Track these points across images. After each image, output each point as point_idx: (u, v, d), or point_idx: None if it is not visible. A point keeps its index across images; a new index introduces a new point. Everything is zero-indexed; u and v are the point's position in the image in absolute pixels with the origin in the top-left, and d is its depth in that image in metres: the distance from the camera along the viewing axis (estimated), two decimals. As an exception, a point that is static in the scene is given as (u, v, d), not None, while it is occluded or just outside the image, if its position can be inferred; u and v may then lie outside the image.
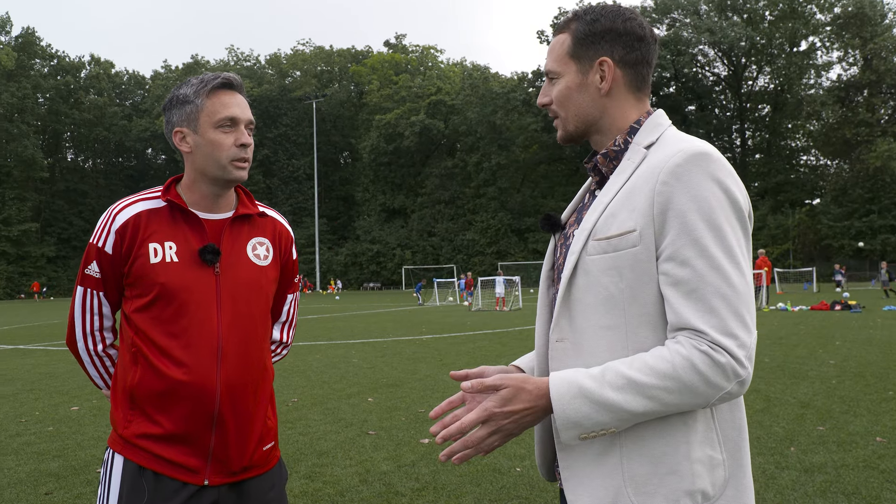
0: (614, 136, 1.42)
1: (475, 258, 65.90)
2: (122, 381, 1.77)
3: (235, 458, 1.76)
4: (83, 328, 1.82)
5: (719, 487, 1.26)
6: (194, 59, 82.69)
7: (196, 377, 1.70)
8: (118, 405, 1.77)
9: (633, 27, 1.39)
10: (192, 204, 1.80)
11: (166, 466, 1.70)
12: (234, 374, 1.74)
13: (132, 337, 1.74)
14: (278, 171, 77.37)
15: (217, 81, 1.75)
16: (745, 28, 55.70)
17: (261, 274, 1.84)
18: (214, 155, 1.74)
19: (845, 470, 4.57)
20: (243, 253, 1.82)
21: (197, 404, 1.70)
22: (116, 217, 1.75)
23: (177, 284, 1.71)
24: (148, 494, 1.68)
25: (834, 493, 4.13)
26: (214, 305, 1.74)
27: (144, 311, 1.73)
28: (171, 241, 1.74)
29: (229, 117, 1.74)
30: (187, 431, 1.71)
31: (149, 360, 1.70)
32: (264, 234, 1.89)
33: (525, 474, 4.69)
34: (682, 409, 1.23)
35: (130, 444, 1.71)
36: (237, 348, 1.76)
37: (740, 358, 1.19)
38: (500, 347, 12.58)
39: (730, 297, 1.20)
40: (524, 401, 1.27)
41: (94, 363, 1.86)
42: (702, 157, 1.26)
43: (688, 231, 1.22)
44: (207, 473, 1.73)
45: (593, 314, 1.31)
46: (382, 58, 78.42)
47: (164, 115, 1.82)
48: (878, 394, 7.13)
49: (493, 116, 63.74)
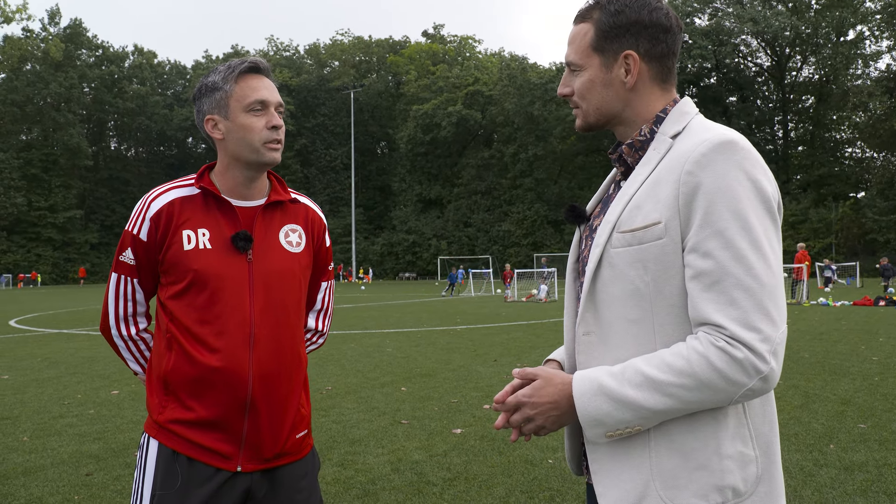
0: (639, 127, 1.39)
1: (511, 249, 65.67)
2: (156, 367, 1.79)
3: (268, 445, 1.77)
4: (116, 314, 1.85)
5: (751, 484, 1.23)
6: (234, 50, 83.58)
7: (229, 364, 1.71)
8: (153, 391, 1.79)
9: (659, 18, 1.35)
10: (225, 191, 1.81)
11: (200, 452, 1.72)
12: (266, 361, 1.76)
13: (167, 323, 1.77)
14: (316, 161, 77.98)
15: (244, 66, 1.76)
16: (790, 17, 54.31)
17: (293, 261, 1.85)
18: (247, 138, 1.74)
19: (888, 469, 4.46)
20: (276, 240, 1.83)
21: (229, 391, 1.72)
22: (151, 205, 1.78)
23: (210, 271, 1.73)
24: (182, 479, 1.70)
25: (875, 492, 4.04)
26: (247, 292, 1.75)
27: (178, 298, 1.75)
28: (204, 228, 1.76)
29: (259, 100, 1.75)
30: (220, 417, 1.72)
31: (182, 346, 1.73)
32: (296, 221, 1.89)
33: (557, 466, 4.67)
34: (705, 406, 1.20)
35: (165, 430, 1.74)
36: (269, 335, 1.77)
37: (762, 352, 1.16)
38: (533, 339, 12.54)
39: (754, 289, 1.17)
40: (549, 395, 1.29)
41: (129, 347, 1.89)
42: (728, 145, 1.22)
43: (712, 222, 1.19)
44: (240, 460, 1.75)
45: (619, 307, 1.29)
46: (420, 48, 78.33)
47: (194, 105, 1.83)
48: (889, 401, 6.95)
49: (531, 107, 63.27)
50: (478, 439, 5.40)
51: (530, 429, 1.32)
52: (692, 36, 55.11)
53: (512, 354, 10.37)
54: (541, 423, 1.30)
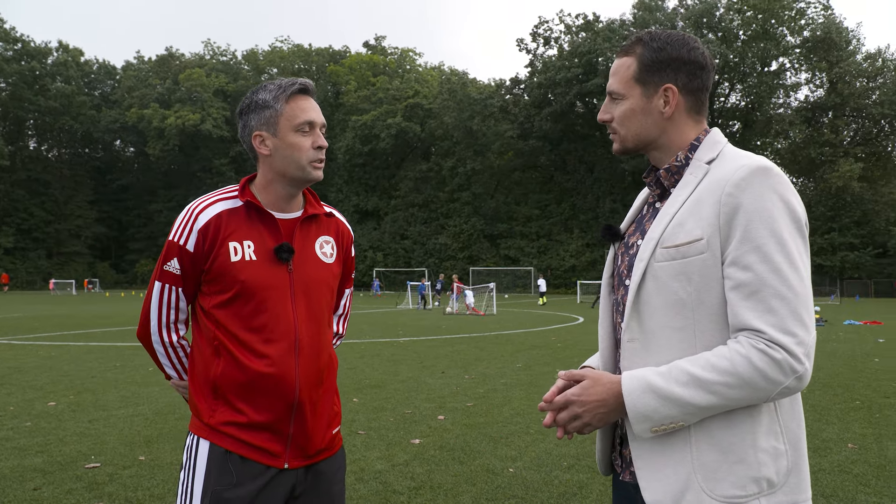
0: (674, 153, 1.53)
1: (447, 262, 65.97)
2: (202, 372, 1.84)
3: (311, 443, 1.87)
4: (159, 321, 1.90)
5: (783, 475, 1.37)
6: (168, 52, 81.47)
7: (278, 369, 1.79)
8: (200, 395, 1.85)
9: (696, 56, 1.50)
10: (266, 204, 1.88)
11: (251, 450, 1.79)
12: (309, 365, 1.85)
13: (213, 331, 1.82)
14: (250, 169, 75.95)
15: (295, 87, 1.83)
16: (719, 46, 56.69)
17: (327, 271, 1.94)
18: (294, 157, 1.83)
19: (822, 474, 4.75)
20: (312, 251, 1.92)
21: (278, 394, 1.80)
22: (199, 217, 1.83)
23: (256, 282, 1.80)
24: (236, 476, 1.77)
25: (814, 495, 4.30)
26: (290, 301, 1.83)
27: (225, 307, 1.81)
28: (248, 240, 1.83)
29: (308, 121, 1.83)
30: (269, 420, 1.80)
31: (231, 353, 1.79)
32: (329, 233, 1.98)
33: (518, 475, 4.79)
34: (744, 403, 1.33)
35: (216, 431, 1.80)
36: (311, 341, 1.86)
37: (798, 354, 1.30)
38: (477, 351, 12.69)
39: (789, 298, 1.31)
40: (598, 393, 1.40)
41: (168, 353, 1.94)
42: (764, 171, 1.37)
43: (751, 239, 1.33)
44: (287, 457, 1.83)
45: (662, 316, 1.41)
46: (361, 58, 78.13)
47: (239, 120, 1.89)
48: (846, 403, 7.39)
49: (470, 122, 63.94)
50: (437, 449, 5.48)
51: (576, 426, 1.43)
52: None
53: (459, 366, 10.49)
54: (587, 420, 1.41)
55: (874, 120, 57.37)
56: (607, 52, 57.05)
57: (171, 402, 7.47)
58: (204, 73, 74.69)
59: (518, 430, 6.16)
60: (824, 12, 58.67)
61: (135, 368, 10.16)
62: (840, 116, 57.66)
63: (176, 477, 4.73)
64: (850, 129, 58.76)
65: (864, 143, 57.77)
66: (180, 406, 7.23)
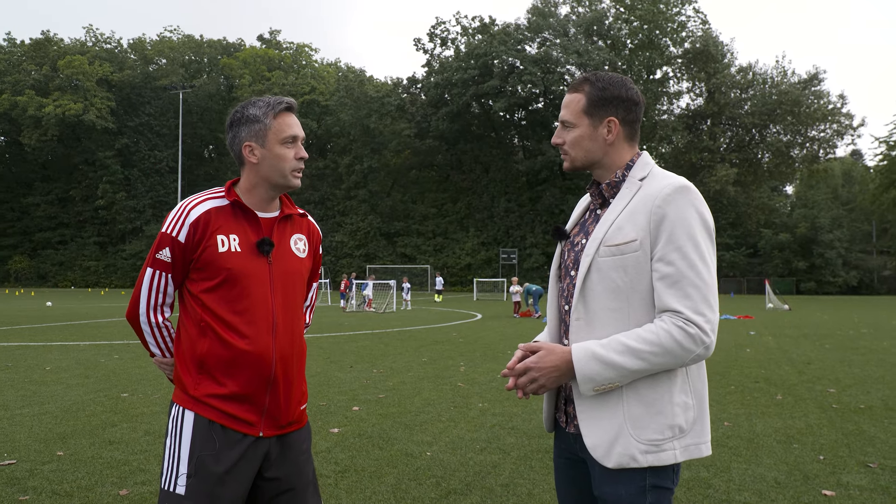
0: (614, 171, 1.91)
1: (343, 260, 65.71)
2: (189, 349, 2.07)
3: (283, 414, 2.12)
4: (148, 303, 2.11)
5: (691, 424, 1.78)
6: (45, 35, 76.28)
7: (257, 347, 2.05)
8: (185, 369, 2.07)
9: (632, 95, 1.89)
10: (249, 204, 2.14)
11: (231, 420, 2.03)
12: (284, 345, 2.11)
13: (200, 313, 2.06)
14: (139, 163, 73.28)
15: (283, 106, 2.11)
16: (609, 53, 59.34)
17: (301, 264, 2.22)
18: (279, 166, 2.10)
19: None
20: (288, 246, 2.19)
21: (257, 370, 2.05)
22: (191, 212, 2.07)
23: (240, 270, 2.06)
24: (218, 442, 2.01)
25: (696, 466, 4.91)
26: (269, 289, 2.10)
27: (212, 292, 2.05)
28: (234, 234, 2.08)
29: (293, 135, 2.12)
30: (248, 392, 2.05)
31: (217, 332, 2.03)
32: (302, 231, 2.26)
33: (435, 457, 5.14)
34: (665, 367, 1.73)
35: (200, 402, 2.03)
36: (286, 324, 2.12)
37: (706, 330, 1.71)
38: (382, 346, 12.98)
39: (701, 287, 1.72)
40: (552, 361, 1.76)
41: (154, 333, 2.15)
42: (684, 189, 1.78)
43: (673, 241, 1.73)
44: (262, 427, 2.08)
45: (603, 300, 1.79)
46: (255, 52, 76.19)
47: (229, 131, 2.15)
48: (723, 388, 8.22)
49: (367, 120, 63.97)
50: (356, 437, 5.75)
51: (533, 388, 1.78)
52: (523, 62, 58.52)
53: (366, 361, 10.74)
54: (542, 382, 1.77)
55: (746, 128, 61.77)
56: (503, 55, 58.47)
57: (77, 400, 7.35)
58: (86, 60, 70.66)
59: (430, 418, 6.51)
60: (703, 26, 62.56)
61: (29, 368, 9.80)
62: (717, 124, 61.76)
63: (100, 471, 4.78)
64: (726, 136, 63.03)
65: (738, 149, 62.08)
66: (90, 404, 7.13)
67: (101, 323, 19.59)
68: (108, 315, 23.58)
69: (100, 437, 5.74)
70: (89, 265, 72.25)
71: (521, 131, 65.69)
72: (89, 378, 8.93)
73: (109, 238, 74.24)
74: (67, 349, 12.45)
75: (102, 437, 5.72)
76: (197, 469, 1.99)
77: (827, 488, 4.44)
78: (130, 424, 6.22)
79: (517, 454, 5.24)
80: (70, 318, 21.97)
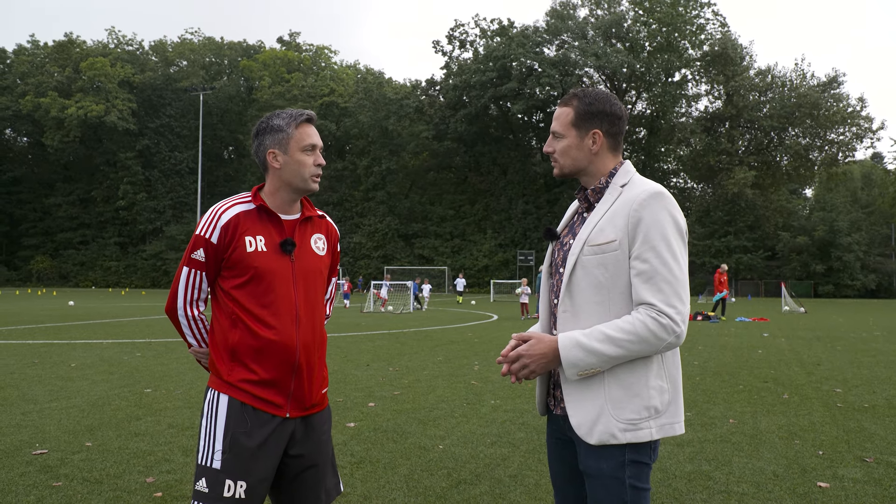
0: (598, 178, 2.13)
1: (361, 261, 66.19)
2: (221, 340, 2.31)
3: (307, 397, 2.36)
4: (185, 298, 2.36)
5: (665, 405, 1.99)
6: (68, 38, 77.57)
7: (282, 337, 2.28)
8: (219, 358, 2.31)
9: (616, 110, 2.10)
10: (273, 207, 2.37)
11: (261, 403, 2.27)
12: (306, 335, 2.34)
13: (231, 307, 2.30)
14: (159, 164, 74.36)
15: (304, 117, 2.36)
16: (627, 55, 59.29)
17: (320, 262, 2.45)
18: (300, 171, 2.34)
19: (707, 444, 5.55)
20: (309, 245, 2.42)
21: (283, 357, 2.28)
22: (222, 216, 2.31)
23: (266, 268, 2.29)
24: (250, 423, 2.25)
25: (699, 460, 5.08)
26: (292, 284, 2.33)
27: (242, 288, 2.29)
28: (260, 235, 2.32)
29: (311, 144, 2.36)
30: (275, 377, 2.28)
31: (246, 324, 2.27)
32: (321, 231, 2.50)
33: (447, 450, 5.35)
34: (642, 354, 1.94)
35: (234, 387, 2.27)
36: (308, 316, 2.36)
37: (677, 321, 1.91)
38: (399, 346, 13.22)
39: (672, 282, 1.93)
40: (541, 348, 1.97)
41: (191, 325, 2.40)
42: (659, 195, 1.99)
43: (648, 241, 1.94)
44: (288, 408, 2.32)
45: (587, 294, 2.00)
46: (275, 54, 76.98)
47: (254, 139, 2.39)
48: (732, 387, 8.36)
49: (386, 122, 64.42)
50: (371, 431, 5.98)
51: (524, 373, 1.99)
52: (542, 65, 58.63)
53: (382, 360, 10.98)
54: (533, 368, 1.98)
55: (765, 131, 61.41)
56: (521, 58, 58.61)
57: (103, 395, 7.64)
58: (108, 62, 71.73)
59: (444, 413, 6.73)
60: (721, 28, 62.28)
61: (55, 364, 10.14)
62: (735, 127, 61.45)
63: (127, 460, 5.04)
64: (745, 139, 62.71)
65: (757, 152, 61.75)
66: (115, 399, 7.42)
67: (122, 322, 20.02)
68: (129, 315, 24.06)
69: (125, 429, 6.02)
70: (110, 265, 73.30)
71: (539, 133, 65.77)
72: (113, 374, 9.24)
73: (130, 238, 75.27)
74: (91, 347, 12.82)
75: (128, 430, 5.99)
76: (231, 445, 2.22)
77: (822, 480, 4.60)
78: (154, 418, 6.49)
79: (526, 448, 5.45)
80: (92, 317, 22.46)
